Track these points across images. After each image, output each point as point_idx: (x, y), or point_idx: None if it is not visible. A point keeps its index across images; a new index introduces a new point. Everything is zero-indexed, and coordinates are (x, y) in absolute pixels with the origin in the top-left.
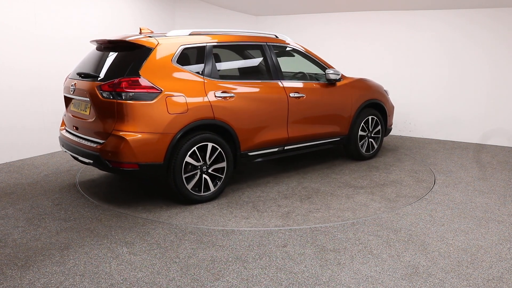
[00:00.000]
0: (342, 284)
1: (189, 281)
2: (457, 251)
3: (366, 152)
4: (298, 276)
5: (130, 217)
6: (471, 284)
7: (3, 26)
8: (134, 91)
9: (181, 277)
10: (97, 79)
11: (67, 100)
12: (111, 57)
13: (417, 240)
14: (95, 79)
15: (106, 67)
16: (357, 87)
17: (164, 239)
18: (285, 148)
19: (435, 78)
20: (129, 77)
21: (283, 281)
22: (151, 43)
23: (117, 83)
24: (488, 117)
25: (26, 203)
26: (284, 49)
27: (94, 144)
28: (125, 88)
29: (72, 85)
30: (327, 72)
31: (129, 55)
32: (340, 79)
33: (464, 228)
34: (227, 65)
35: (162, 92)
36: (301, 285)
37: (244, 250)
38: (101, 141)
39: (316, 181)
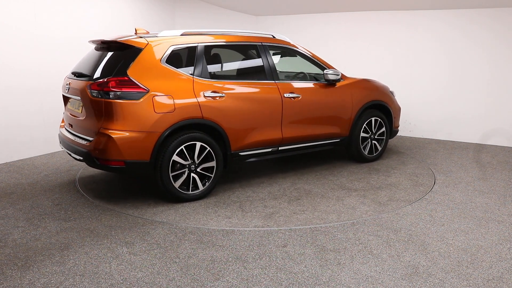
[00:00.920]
0: (342, 284)
1: (189, 281)
2: (457, 251)
3: (369, 154)
4: (298, 276)
5: (130, 217)
6: (471, 284)
7: (3, 26)
8: (121, 91)
9: (181, 277)
10: (89, 79)
11: (65, 99)
12: (105, 57)
13: (417, 240)
14: (87, 79)
15: (98, 67)
16: (359, 88)
17: (164, 239)
18: (280, 149)
19: (435, 78)
20: (117, 77)
21: (283, 281)
22: (141, 44)
23: (105, 83)
24: (488, 117)
25: (26, 203)
26: (282, 49)
27: (85, 142)
28: (112, 88)
29: (67, 84)
30: (326, 72)
31: (120, 55)
32: (340, 80)
33: (464, 228)
34: (219, 65)
35: (149, 92)
36: (301, 285)
37: (244, 250)
38: (91, 139)
39: (311, 183)
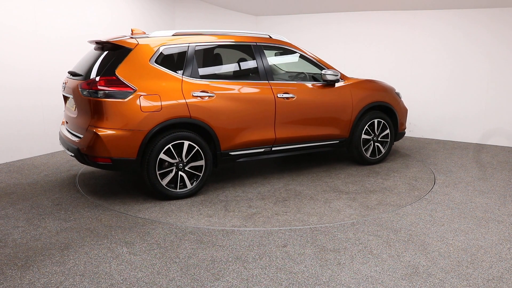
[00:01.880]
0: (342, 284)
1: (189, 281)
2: (457, 251)
3: (372, 157)
4: (298, 276)
5: (130, 217)
6: (471, 284)
7: (3, 26)
8: (109, 90)
9: (181, 277)
10: (81, 78)
11: (65, 98)
12: (99, 57)
13: (417, 240)
14: (80, 78)
15: (92, 67)
16: (360, 88)
17: (164, 239)
18: (273, 149)
19: (435, 78)
20: (105, 76)
21: (283, 281)
22: (131, 44)
23: (93, 82)
24: (488, 117)
25: (26, 203)
26: (280, 50)
27: (76, 139)
28: (100, 87)
29: (64, 83)
30: (323, 73)
31: (112, 55)
32: (339, 80)
33: (464, 228)
34: (210, 65)
35: (136, 91)
36: (301, 285)
37: (244, 250)
38: (81, 136)
39: (304, 184)
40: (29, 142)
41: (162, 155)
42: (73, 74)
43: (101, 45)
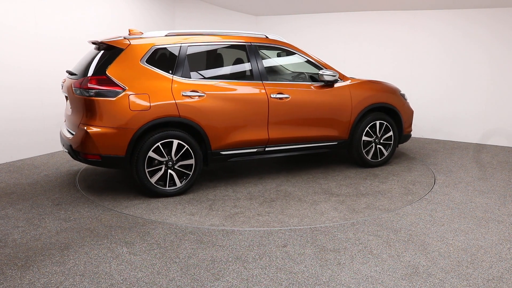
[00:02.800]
0: (342, 284)
1: (189, 281)
2: (457, 251)
3: (373, 159)
4: (298, 276)
5: (130, 217)
6: (471, 284)
7: (3, 26)
8: (99, 89)
9: (181, 277)
10: (76, 77)
11: (66, 97)
12: (95, 57)
13: (417, 240)
14: (75, 77)
15: (86, 66)
16: (361, 89)
17: (164, 239)
18: (267, 149)
19: (435, 78)
20: (96, 76)
21: (283, 281)
22: (123, 44)
23: (85, 81)
24: (488, 117)
25: (26, 203)
26: (276, 50)
27: (70, 136)
28: (90, 85)
29: (62, 83)
30: (321, 73)
31: (105, 55)
32: (338, 80)
33: (464, 228)
34: (202, 65)
35: (126, 90)
36: (301, 285)
37: (244, 250)
38: (74, 133)
39: (297, 185)
40: (29, 142)
41: (151, 153)
42: (71, 74)
43: (97, 45)
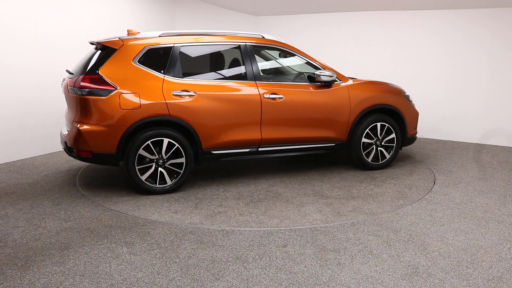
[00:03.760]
0: (342, 284)
1: (189, 281)
2: (457, 251)
3: (374, 162)
4: (298, 276)
5: (130, 217)
6: (471, 284)
7: (3, 26)
8: (91, 88)
9: (181, 277)
10: (73, 76)
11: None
12: (92, 57)
13: (417, 240)
14: (72, 76)
15: (82, 66)
16: (361, 90)
17: (164, 239)
18: (260, 150)
19: (435, 78)
20: (89, 75)
21: (283, 281)
22: (117, 44)
23: (78, 80)
24: (488, 117)
25: (26, 203)
26: (273, 50)
27: (66, 133)
28: (83, 84)
29: (62, 82)
30: (318, 73)
31: (100, 55)
32: (336, 81)
33: (464, 228)
34: (195, 65)
35: (117, 89)
36: (301, 285)
37: (244, 250)
38: (69, 130)
39: (289, 186)
40: (29, 142)
41: (142, 151)
42: (70, 73)
43: (94, 45)
